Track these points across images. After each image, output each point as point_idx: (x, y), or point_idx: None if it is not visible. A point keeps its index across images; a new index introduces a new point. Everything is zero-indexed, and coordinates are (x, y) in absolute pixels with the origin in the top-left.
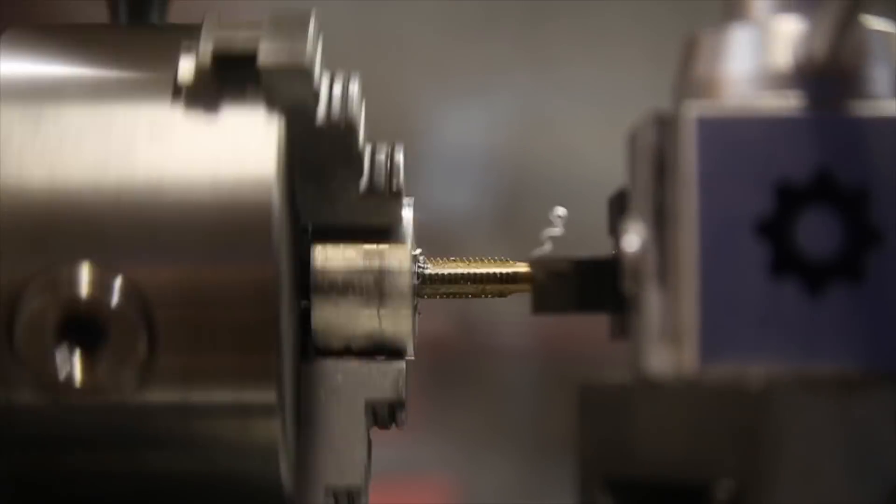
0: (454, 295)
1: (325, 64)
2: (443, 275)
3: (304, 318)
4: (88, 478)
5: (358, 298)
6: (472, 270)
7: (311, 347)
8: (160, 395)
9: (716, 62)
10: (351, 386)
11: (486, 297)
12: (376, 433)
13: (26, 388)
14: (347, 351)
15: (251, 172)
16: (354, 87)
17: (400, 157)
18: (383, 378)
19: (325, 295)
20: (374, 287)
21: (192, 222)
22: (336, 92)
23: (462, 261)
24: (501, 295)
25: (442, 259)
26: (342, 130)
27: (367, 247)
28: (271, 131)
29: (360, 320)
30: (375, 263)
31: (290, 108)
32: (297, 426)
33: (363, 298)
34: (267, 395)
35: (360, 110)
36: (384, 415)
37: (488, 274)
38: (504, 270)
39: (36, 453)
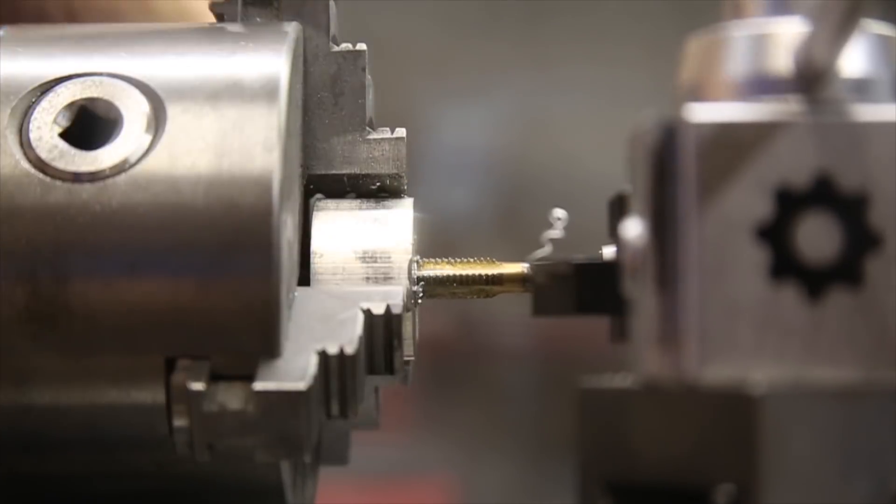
0: (439, 295)
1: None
2: (428, 277)
3: None
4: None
5: None
6: (458, 272)
7: None
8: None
9: (716, 65)
10: (349, 296)
11: (472, 297)
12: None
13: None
14: None
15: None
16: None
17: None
18: (381, 293)
19: None
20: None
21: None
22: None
23: (448, 262)
24: (487, 296)
25: (428, 260)
26: (352, 54)
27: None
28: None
29: None
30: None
31: (305, 30)
32: None
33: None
34: None
35: (364, 53)
36: (380, 361)
37: (474, 276)
38: (489, 272)
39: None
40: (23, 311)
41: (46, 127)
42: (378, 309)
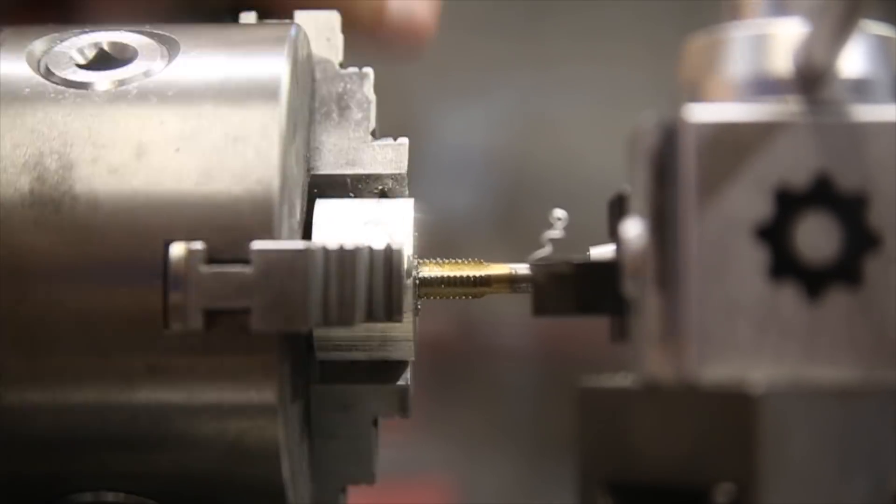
0: (426, 296)
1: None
2: (417, 278)
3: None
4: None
5: None
6: (445, 273)
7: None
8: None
9: (715, 66)
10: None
11: (459, 298)
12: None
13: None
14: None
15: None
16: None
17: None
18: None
19: None
20: None
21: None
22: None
23: (436, 263)
24: (475, 296)
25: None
26: (359, 74)
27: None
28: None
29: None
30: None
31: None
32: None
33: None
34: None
35: (370, 75)
36: (379, 303)
37: (461, 277)
38: (477, 273)
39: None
40: (27, 197)
41: (66, 54)
42: (379, 245)
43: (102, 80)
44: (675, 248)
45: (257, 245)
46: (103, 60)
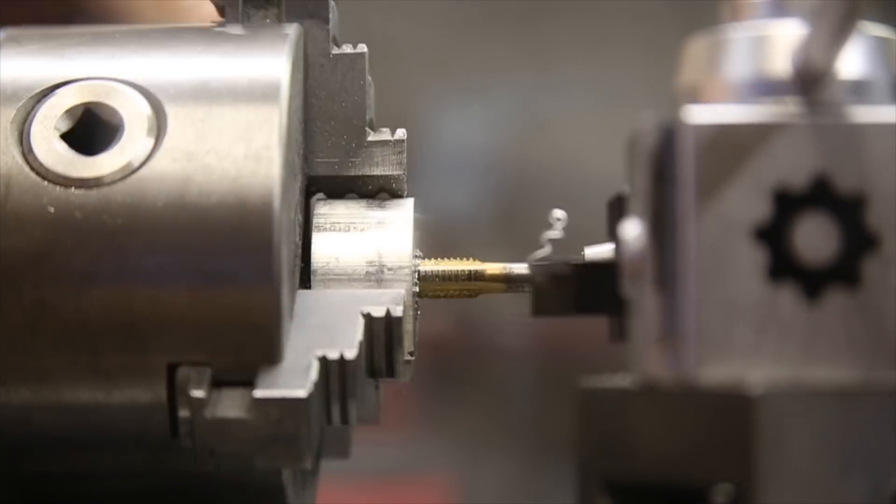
0: (423, 294)
1: None
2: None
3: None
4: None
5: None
6: (443, 272)
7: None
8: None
9: (715, 67)
10: (349, 300)
11: (454, 297)
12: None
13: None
14: None
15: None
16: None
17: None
18: (381, 296)
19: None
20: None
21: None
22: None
23: (434, 262)
24: (470, 296)
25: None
26: (352, 57)
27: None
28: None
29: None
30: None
31: (306, 30)
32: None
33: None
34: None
35: (365, 55)
36: (381, 364)
37: (458, 276)
38: (473, 273)
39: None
40: (29, 313)
41: (46, 132)
42: (378, 312)
43: (91, 170)
44: (674, 249)
45: (259, 394)
46: (89, 125)
